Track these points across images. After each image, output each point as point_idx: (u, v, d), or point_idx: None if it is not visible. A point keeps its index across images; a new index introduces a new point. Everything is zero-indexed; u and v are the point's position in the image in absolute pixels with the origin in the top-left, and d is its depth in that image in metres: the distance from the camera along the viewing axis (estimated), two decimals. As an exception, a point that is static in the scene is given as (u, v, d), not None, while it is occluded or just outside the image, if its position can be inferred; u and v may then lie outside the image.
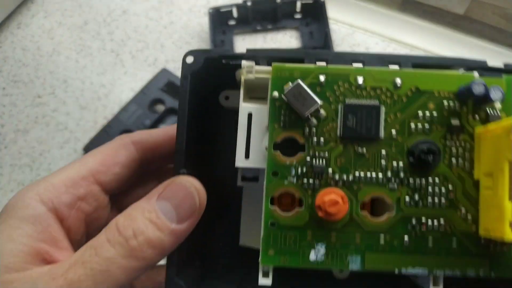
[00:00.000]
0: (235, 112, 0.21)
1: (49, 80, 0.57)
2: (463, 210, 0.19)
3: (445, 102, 0.19)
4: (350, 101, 0.19)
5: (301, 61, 0.20)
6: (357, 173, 0.19)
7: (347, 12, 0.59)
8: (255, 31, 0.58)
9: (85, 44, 0.59)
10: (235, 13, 0.56)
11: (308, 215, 0.19)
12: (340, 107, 0.19)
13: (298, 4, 0.56)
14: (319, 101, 0.19)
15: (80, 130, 0.54)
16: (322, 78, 0.19)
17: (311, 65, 0.20)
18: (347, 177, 0.19)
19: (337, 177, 0.19)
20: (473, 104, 0.19)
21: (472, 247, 0.19)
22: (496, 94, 0.18)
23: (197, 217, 0.18)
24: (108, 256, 0.17)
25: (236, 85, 0.21)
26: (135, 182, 0.23)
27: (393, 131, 0.19)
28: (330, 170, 0.19)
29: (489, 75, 0.20)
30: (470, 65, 0.20)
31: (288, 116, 0.19)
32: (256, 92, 0.21)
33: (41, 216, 0.18)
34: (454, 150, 0.19)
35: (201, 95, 0.21)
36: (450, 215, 0.19)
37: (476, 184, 0.19)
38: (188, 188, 0.18)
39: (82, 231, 0.20)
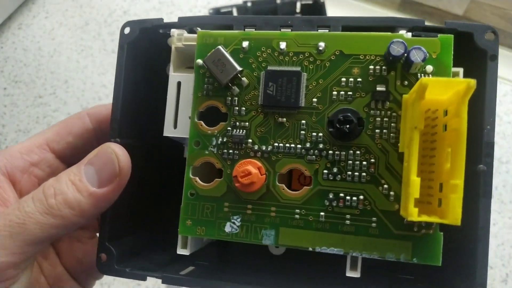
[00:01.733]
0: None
1: (50, 81, 0.58)
2: (386, 186, 0.17)
3: (371, 67, 0.18)
4: (272, 67, 0.18)
5: (230, 27, 0.20)
6: (276, 144, 0.18)
7: (346, 13, 0.59)
8: (255, 31, 0.58)
9: (86, 44, 0.60)
10: (235, 13, 0.56)
11: (226, 186, 0.19)
12: (262, 74, 0.18)
13: (298, 5, 0.56)
14: (238, 67, 0.18)
15: (81, 130, 0.54)
16: (245, 44, 0.19)
17: (236, 31, 0.19)
18: (266, 147, 0.18)
19: (256, 147, 0.19)
20: (402, 68, 0.17)
21: (394, 228, 0.17)
22: (416, 55, 0.16)
23: (118, 183, 0.19)
24: (27, 210, 0.18)
25: None
26: (91, 149, 0.24)
27: (314, 100, 0.18)
28: (250, 140, 0.19)
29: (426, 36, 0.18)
30: (407, 25, 0.18)
31: (212, 84, 0.19)
32: (191, 62, 0.20)
33: None
34: (378, 119, 0.18)
35: (146, 66, 0.21)
36: (371, 191, 0.18)
37: (401, 157, 0.17)
38: (110, 154, 0.19)
39: None
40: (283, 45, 0.18)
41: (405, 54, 0.17)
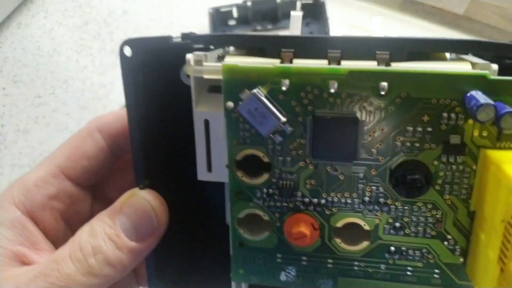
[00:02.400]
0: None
1: (50, 80, 0.57)
2: (452, 241, 0.16)
3: (445, 114, 0.15)
4: (321, 112, 0.15)
5: (261, 51, 0.16)
6: (330, 198, 0.16)
7: (346, 12, 0.59)
8: (255, 31, 0.58)
9: (85, 44, 0.59)
10: (235, 13, 0.56)
11: (276, 239, 0.17)
12: (309, 120, 0.15)
13: (298, 4, 0.56)
14: (282, 118, 0.15)
15: (81, 130, 0.54)
16: (285, 82, 0.15)
17: (270, 64, 0.15)
18: (319, 201, 0.17)
19: (307, 200, 0.17)
20: (497, 120, 0.14)
21: (457, 279, 0.17)
22: (507, 122, 0.13)
23: (157, 236, 0.18)
24: (68, 272, 0.17)
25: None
26: (113, 167, 0.22)
27: (374, 150, 0.16)
28: (299, 193, 0.17)
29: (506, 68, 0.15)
30: (491, 51, 0.15)
31: (249, 131, 0.16)
32: (215, 80, 0.16)
33: (16, 219, 0.19)
34: (449, 174, 0.15)
35: (158, 80, 0.18)
36: (435, 245, 0.17)
37: (472, 214, 0.16)
38: (147, 207, 0.18)
39: (61, 228, 0.21)
40: (334, 85, 0.15)
41: (496, 119, 0.14)
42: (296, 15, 0.18)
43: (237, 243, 0.18)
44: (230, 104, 0.16)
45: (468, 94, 0.14)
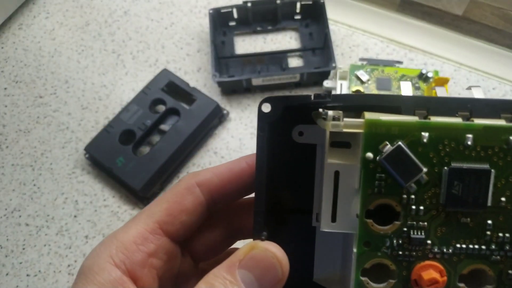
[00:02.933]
0: (310, 147, 0.20)
1: (51, 81, 0.58)
2: None
3: None
4: (457, 164, 0.17)
5: (397, 110, 0.17)
6: (458, 245, 0.17)
7: (346, 13, 0.60)
8: (255, 32, 0.58)
9: (86, 44, 0.60)
10: (235, 14, 0.56)
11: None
12: (444, 170, 0.17)
13: (298, 5, 0.56)
14: (424, 169, 0.16)
15: (82, 130, 0.54)
16: (425, 136, 0.16)
17: (410, 119, 0.17)
18: (447, 249, 0.17)
19: (436, 249, 0.17)
20: None
21: None
22: None
23: (280, 287, 0.18)
24: None
25: (308, 119, 0.19)
26: (203, 223, 0.22)
27: (503, 199, 0.17)
28: (429, 241, 0.17)
29: None
30: None
31: (384, 181, 0.17)
32: (337, 137, 0.18)
33: (117, 280, 0.18)
34: None
35: (274, 140, 0.19)
36: None
37: None
38: (271, 259, 0.18)
39: (156, 286, 0.20)
40: (470, 138, 0.16)
41: None
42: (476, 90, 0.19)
43: None
44: (370, 155, 0.17)
45: None
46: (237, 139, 0.52)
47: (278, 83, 0.53)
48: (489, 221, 0.17)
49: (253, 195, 0.20)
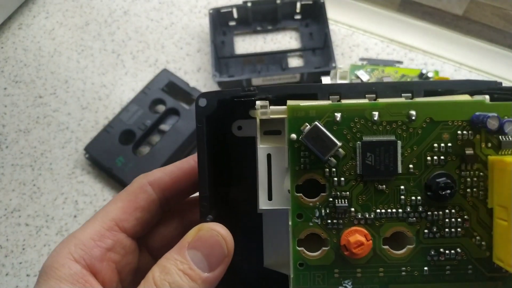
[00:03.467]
0: (248, 140, 0.22)
1: (50, 81, 0.58)
2: (478, 238, 0.20)
3: (459, 132, 0.19)
4: (367, 138, 0.19)
5: (314, 96, 0.20)
6: (378, 210, 0.19)
7: (346, 13, 0.60)
8: (255, 31, 0.58)
9: (86, 44, 0.60)
10: (235, 14, 0.56)
11: (334, 254, 0.20)
12: (358, 144, 0.19)
13: (298, 5, 0.56)
14: (338, 143, 0.19)
15: (81, 130, 0.54)
16: (338, 116, 0.19)
17: (325, 102, 0.19)
18: (369, 214, 0.19)
19: (359, 215, 0.19)
20: (486, 132, 0.19)
21: (486, 272, 0.20)
22: (510, 127, 0.18)
23: (227, 263, 0.19)
24: None
25: (246, 114, 0.22)
26: (157, 220, 0.24)
27: (411, 166, 0.19)
28: (352, 209, 0.19)
29: (500, 96, 0.20)
30: (481, 87, 0.20)
31: (308, 157, 0.19)
32: (269, 126, 0.20)
33: (77, 274, 0.20)
34: (468, 180, 0.19)
35: (214, 131, 0.21)
36: (466, 243, 0.20)
37: (490, 212, 0.19)
38: (216, 237, 0.19)
39: (116, 279, 0.22)
40: (376, 115, 0.19)
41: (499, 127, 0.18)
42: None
43: (298, 263, 0.20)
44: (294, 136, 0.19)
45: (476, 114, 0.19)
46: (237, 139, 0.52)
47: (278, 83, 0.53)
48: (402, 187, 0.19)
49: None
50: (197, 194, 0.23)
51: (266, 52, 0.56)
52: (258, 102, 0.20)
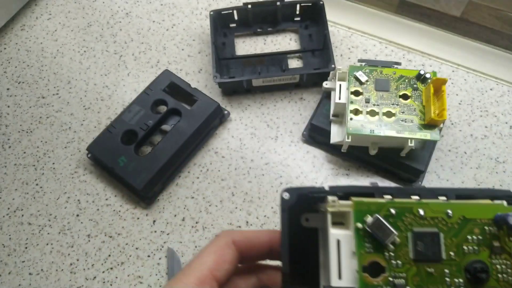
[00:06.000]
0: (314, 230, 0.26)
1: (53, 81, 0.58)
2: None
3: (486, 228, 0.23)
4: (417, 229, 0.23)
5: (371, 195, 0.24)
6: None
7: (345, 15, 0.60)
8: (255, 33, 0.59)
9: (88, 45, 0.60)
10: (235, 15, 0.57)
11: None
12: (409, 234, 0.23)
13: (298, 7, 0.57)
14: (395, 232, 0.23)
15: (84, 130, 0.55)
16: (393, 211, 0.23)
17: (382, 200, 0.24)
18: None
19: None
20: (508, 228, 0.23)
21: None
22: None
23: None
24: None
25: (312, 208, 0.26)
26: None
27: (451, 253, 0.23)
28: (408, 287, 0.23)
29: None
30: (498, 194, 0.25)
31: (371, 243, 0.23)
32: (334, 218, 0.24)
33: None
34: (498, 266, 0.23)
35: (290, 218, 0.25)
36: None
37: None
38: None
39: None
40: (421, 211, 0.23)
41: None
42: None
43: None
44: (359, 225, 0.23)
45: (498, 214, 0.23)
46: (237, 139, 0.53)
47: (278, 84, 0.54)
48: (446, 270, 0.23)
49: (268, 261, 0.27)
50: (262, 261, 0.28)
51: (266, 54, 0.56)
52: (329, 197, 0.24)
